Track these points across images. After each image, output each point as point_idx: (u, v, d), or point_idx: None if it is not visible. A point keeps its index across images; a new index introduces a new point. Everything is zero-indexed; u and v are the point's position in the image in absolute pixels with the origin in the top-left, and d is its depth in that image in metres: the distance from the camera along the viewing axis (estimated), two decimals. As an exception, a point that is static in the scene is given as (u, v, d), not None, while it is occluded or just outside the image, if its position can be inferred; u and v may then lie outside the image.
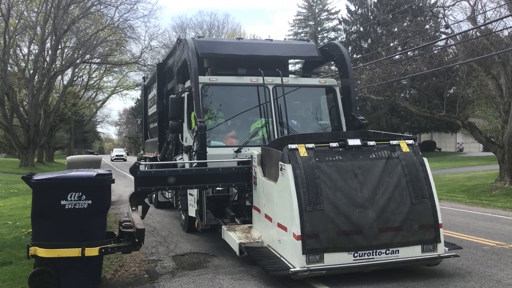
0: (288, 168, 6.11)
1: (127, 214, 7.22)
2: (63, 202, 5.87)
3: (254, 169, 7.38)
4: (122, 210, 13.72)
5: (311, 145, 6.35)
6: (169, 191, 9.65)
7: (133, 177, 7.47)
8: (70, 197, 5.89)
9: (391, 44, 29.63)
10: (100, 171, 6.51)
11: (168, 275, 6.80)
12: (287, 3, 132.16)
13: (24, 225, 10.18)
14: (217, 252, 8.13)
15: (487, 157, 35.89)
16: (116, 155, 65.35)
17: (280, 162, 6.33)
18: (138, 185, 7.40)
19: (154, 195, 14.22)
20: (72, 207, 5.90)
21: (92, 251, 5.92)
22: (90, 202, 5.96)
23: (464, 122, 21.30)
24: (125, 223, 6.50)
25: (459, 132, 51.89)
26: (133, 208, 7.19)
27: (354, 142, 6.47)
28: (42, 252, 5.83)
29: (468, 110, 29.88)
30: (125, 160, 63.45)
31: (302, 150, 6.27)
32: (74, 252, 5.86)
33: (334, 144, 6.43)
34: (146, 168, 8.93)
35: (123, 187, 22.32)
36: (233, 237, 7.16)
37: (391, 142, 6.61)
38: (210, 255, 7.98)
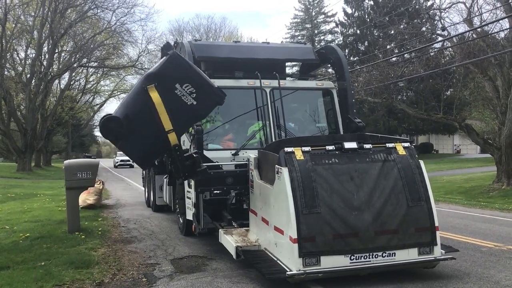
0: (285, 171, 6.12)
1: None
2: None
3: (251, 173, 7.38)
4: (121, 214, 13.72)
5: (307, 148, 6.35)
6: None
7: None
8: None
9: (388, 47, 29.71)
10: None
11: (166, 278, 6.79)
12: (283, 6, 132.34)
13: (21, 230, 10.16)
14: (215, 255, 8.13)
15: (485, 159, 35.95)
16: (121, 161, 51.82)
17: (276, 166, 6.33)
18: (199, 185, 7.74)
19: (152, 198, 14.25)
20: None
21: None
22: None
23: (461, 124, 21.36)
24: None
25: (456, 134, 51.96)
26: None
27: (350, 145, 6.47)
28: None
29: (465, 112, 29.96)
30: (132, 166, 48.05)
31: (299, 153, 6.27)
32: None
33: (331, 147, 6.43)
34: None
35: (120, 190, 22.33)
36: (230, 240, 7.16)
37: (387, 145, 6.62)
38: (208, 258, 7.97)
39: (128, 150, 7.04)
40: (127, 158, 54.67)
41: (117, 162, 53.84)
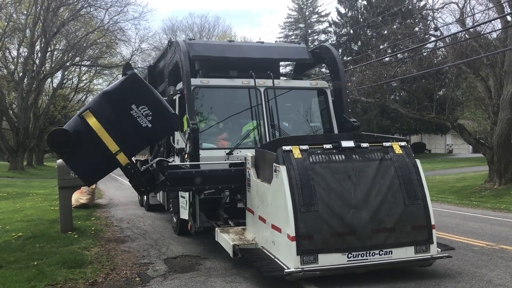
0: (282, 169, 6.10)
1: None
2: None
3: (248, 171, 7.36)
4: (114, 213, 13.64)
5: (305, 147, 6.35)
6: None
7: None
8: None
9: (381, 47, 29.77)
10: None
11: (159, 278, 6.76)
12: (274, 5, 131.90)
13: (14, 229, 10.08)
14: (209, 254, 8.10)
15: (477, 159, 36.16)
16: None
17: (274, 164, 6.31)
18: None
19: (145, 197, 14.18)
20: None
21: None
22: None
23: (454, 123, 21.48)
24: None
25: (449, 134, 52.26)
26: None
27: (347, 143, 6.47)
28: None
29: (458, 112, 30.13)
30: None
31: (296, 152, 6.26)
32: None
33: (328, 146, 6.44)
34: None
35: (113, 190, 22.22)
36: (227, 238, 7.14)
37: (384, 144, 6.63)
38: (202, 257, 7.94)
39: (74, 165, 6.93)
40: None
41: None
